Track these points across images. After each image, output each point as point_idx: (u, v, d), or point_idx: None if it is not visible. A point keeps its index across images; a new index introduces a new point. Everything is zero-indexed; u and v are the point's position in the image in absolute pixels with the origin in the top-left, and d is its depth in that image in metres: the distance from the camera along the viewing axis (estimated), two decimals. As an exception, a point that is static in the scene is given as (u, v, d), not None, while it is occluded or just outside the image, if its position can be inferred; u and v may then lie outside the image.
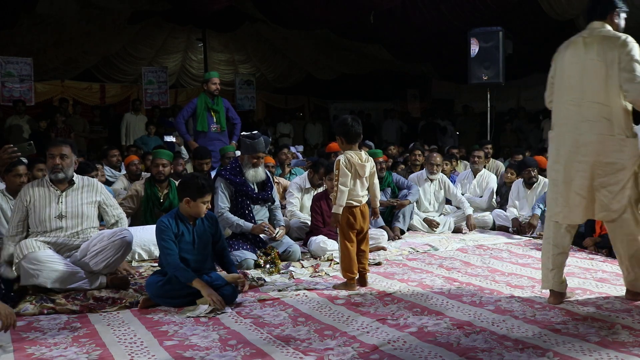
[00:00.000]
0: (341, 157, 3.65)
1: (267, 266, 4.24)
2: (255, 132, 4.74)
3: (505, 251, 4.87)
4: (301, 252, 4.68)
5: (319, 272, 4.17)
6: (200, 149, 6.13)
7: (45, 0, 9.50)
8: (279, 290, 3.67)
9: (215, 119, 6.75)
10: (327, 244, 4.68)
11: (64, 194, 3.69)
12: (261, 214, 4.71)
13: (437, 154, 6.47)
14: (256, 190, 4.66)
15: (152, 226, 4.54)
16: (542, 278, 3.35)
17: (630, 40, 3.01)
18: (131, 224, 5.00)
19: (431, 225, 5.92)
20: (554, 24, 9.16)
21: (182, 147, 8.42)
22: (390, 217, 5.77)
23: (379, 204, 3.93)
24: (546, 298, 3.35)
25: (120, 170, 7.25)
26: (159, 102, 12.71)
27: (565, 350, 2.53)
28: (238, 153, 5.35)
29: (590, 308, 3.16)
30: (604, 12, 3.14)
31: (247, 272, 4.16)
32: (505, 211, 5.99)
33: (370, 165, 3.75)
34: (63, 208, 3.67)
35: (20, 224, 3.63)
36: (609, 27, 3.13)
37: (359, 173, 3.67)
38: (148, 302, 3.33)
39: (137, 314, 3.22)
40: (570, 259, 4.44)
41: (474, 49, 7.87)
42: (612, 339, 2.67)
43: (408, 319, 3.03)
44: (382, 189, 5.87)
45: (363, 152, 3.79)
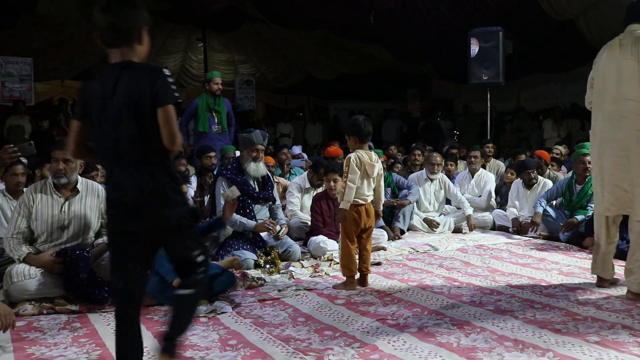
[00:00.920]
0: (352, 155, 3.69)
1: (267, 266, 4.24)
2: (257, 131, 4.75)
3: (505, 251, 4.87)
4: (301, 252, 4.68)
5: (319, 272, 4.17)
6: (202, 146, 6.13)
7: (45, 0, 9.51)
8: (279, 290, 3.67)
9: (216, 120, 6.73)
10: (327, 244, 4.68)
11: (67, 202, 3.60)
12: (262, 213, 4.72)
13: (437, 153, 6.47)
14: (257, 190, 4.68)
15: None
16: (592, 264, 3.66)
17: None
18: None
19: (431, 225, 5.92)
20: (554, 24, 9.16)
21: (182, 147, 8.40)
22: (390, 217, 5.77)
23: (382, 207, 3.94)
24: (546, 298, 3.37)
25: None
26: (159, 102, 12.69)
27: (565, 350, 2.53)
28: (238, 154, 5.34)
29: (590, 308, 3.16)
30: None
31: (247, 272, 4.16)
32: (505, 211, 5.99)
33: (379, 166, 3.79)
34: (66, 218, 3.58)
35: (19, 227, 3.52)
36: None
37: (368, 172, 3.70)
38: (148, 301, 3.33)
39: (137, 314, 3.22)
40: (570, 259, 4.46)
41: (474, 49, 7.87)
42: (612, 339, 2.67)
43: (408, 319, 3.03)
44: (382, 189, 5.87)
45: (373, 153, 3.82)
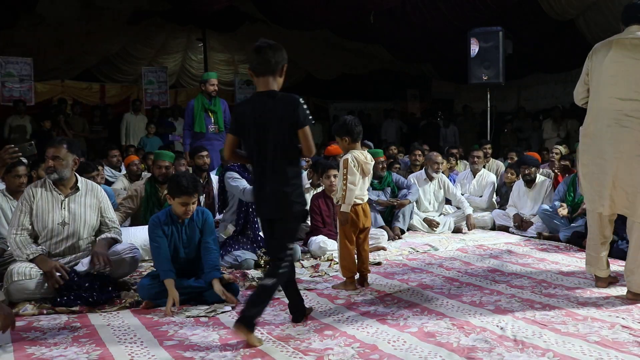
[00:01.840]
0: (348, 156, 3.65)
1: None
2: None
3: (505, 251, 4.87)
4: (301, 252, 4.68)
5: (319, 272, 4.17)
6: (195, 146, 6.12)
7: (45, 0, 9.51)
8: (279, 290, 3.67)
9: (212, 120, 6.74)
10: (327, 244, 4.68)
11: (67, 199, 3.62)
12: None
13: (437, 153, 6.47)
14: None
15: (152, 226, 4.57)
16: (586, 263, 3.66)
17: None
18: (131, 224, 5.02)
19: (431, 225, 5.92)
20: (554, 24, 9.16)
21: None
22: (390, 217, 5.77)
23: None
24: (546, 298, 3.37)
25: (120, 170, 7.25)
26: (159, 102, 12.71)
27: (565, 350, 2.53)
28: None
29: (590, 308, 3.16)
30: None
31: (247, 272, 4.16)
32: (505, 211, 6.00)
33: (372, 164, 3.78)
34: (66, 214, 3.60)
35: (23, 223, 3.53)
36: None
37: (364, 172, 3.70)
38: (150, 304, 3.33)
39: (137, 314, 3.22)
40: (570, 259, 4.46)
41: (474, 49, 7.87)
42: (612, 339, 2.67)
43: (408, 319, 3.03)
44: (382, 189, 5.87)
45: (367, 152, 3.81)
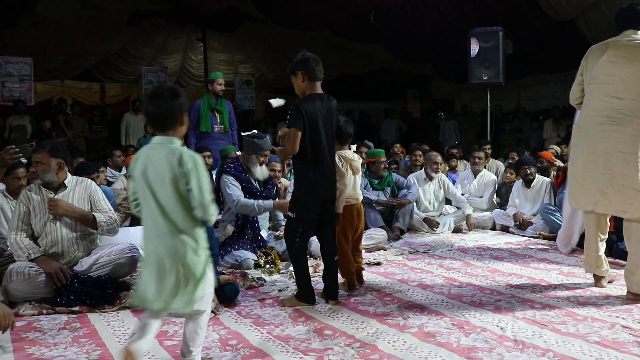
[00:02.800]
0: (335, 157, 3.65)
1: (267, 266, 4.24)
2: (255, 131, 4.79)
3: (505, 251, 4.87)
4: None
5: (319, 272, 4.16)
6: (198, 146, 6.13)
7: (45, 0, 9.51)
8: (279, 290, 3.67)
9: (218, 120, 6.75)
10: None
11: (56, 196, 3.64)
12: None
13: (436, 152, 6.47)
14: (259, 188, 4.70)
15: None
16: (585, 262, 3.67)
17: None
18: (131, 224, 5.02)
19: (431, 225, 5.92)
20: (554, 24, 9.16)
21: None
22: (390, 217, 5.77)
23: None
24: (546, 298, 3.37)
25: (120, 171, 7.25)
26: (159, 102, 12.70)
27: (565, 350, 2.54)
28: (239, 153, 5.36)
29: (591, 308, 3.16)
30: (637, 23, 3.44)
31: (247, 272, 4.16)
32: (505, 211, 6.00)
33: (360, 162, 3.79)
34: None
35: (22, 225, 3.54)
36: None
37: (354, 170, 3.71)
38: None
39: (137, 314, 3.21)
40: (570, 259, 4.46)
41: (474, 49, 7.87)
42: (612, 339, 2.67)
43: (408, 319, 3.03)
44: (382, 189, 5.87)
45: (352, 152, 3.81)
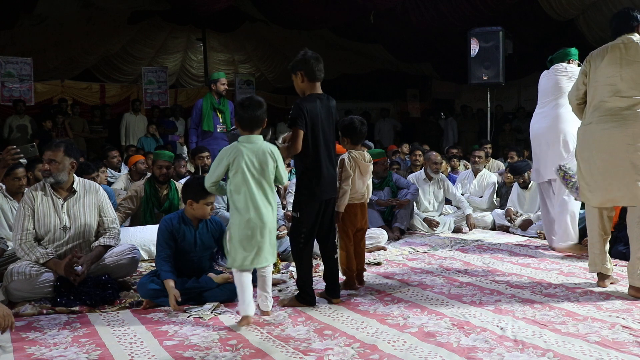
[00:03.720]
0: (345, 156, 3.69)
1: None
2: None
3: (505, 251, 4.87)
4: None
5: (319, 272, 4.16)
6: (197, 147, 6.13)
7: (45, 0, 9.51)
8: (279, 290, 3.67)
9: (221, 119, 6.75)
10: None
11: (66, 203, 3.61)
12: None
13: (436, 153, 6.47)
14: None
15: (152, 226, 4.58)
16: (590, 262, 3.68)
17: None
18: (131, 224, 5.02)
19: (431, 225, 5.92)
20: (554, 24, 9.17)
21: (184, 148, 8.40)
22: (390, 217, 5.77)
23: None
24: (546, 298, 3.37)
25: (120, 171, 7.25)
26: (159, 102, 12.70)
27: (565, 350, 2.53)
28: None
29: (591, 308, 3.16)
30: (632, 26, 3.55)
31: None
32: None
33: (371, 166, 3.81)
34: (66, 219, 3.59)
35: (27, 228, 3.50)
36: (637, 36, 3.53)
37: (362, 172, 3.72)
38: (150, 303, 3.34)
39: (137, 314, 3.22)
40: (570, 259, 4.45)
41: (474, 49, 7.87)
42: (612, 339, 2.67)
43: (408, 319, 3.03)
44: (382, 189, 5.87)
45: (365, 153, 3.83)
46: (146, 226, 4.76)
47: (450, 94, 14.96)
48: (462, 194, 6.35)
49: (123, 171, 7.12)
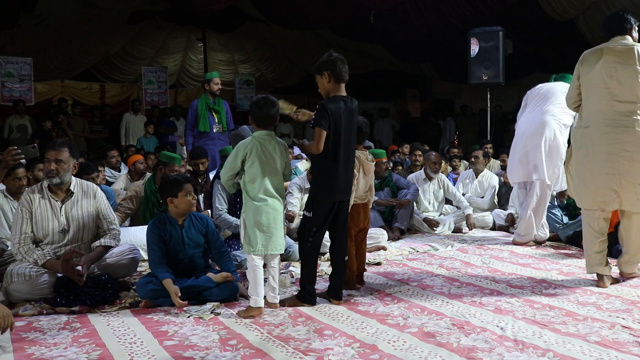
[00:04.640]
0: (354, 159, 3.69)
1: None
2: (245, 126, 4.64)
3: (505, 251, 4.87)
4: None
5: (319, 272, 4.16)
6: (196, 149, 6.07)
7: (45, 0, 9.51)
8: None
9: (216, 119, 6.74)
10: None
11: (64, 206, 3.58)
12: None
13: (436, 153, 6.47)
14: None
15: (152, 226, 4.57)
16: (587, 264, 3.71)
17: None
18: (131, 224, 5.02)
19: (431, 225, 5.92)
20: (554, 24, 9.17)
21: (184, 148, 8.38)
22: (390, 217, 5.76)
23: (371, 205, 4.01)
24: (546, 298, 3.37)
25: (119, 171, 7.25)
26: (159, 102, 12.71)
27: (565, 350, 2.53)
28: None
29: (591, 308, 3.16)
30: (624, 29, 3.60)
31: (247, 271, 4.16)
32: (506, 211, 6.00)
33: (373, 165, 3.83)
34: (64, 222, 3.57)
35: (25, 231, 3.48)
36: (630, 40, 3.58)
37: (365, 172, 3.74)
38: (149, 303, 3.34)
39: (137, 314, 3.22)
40: (570, 259, 4.46)
41: (474, 49, 7.87)
42: (612, 339, 2.67)
43: (408, 319, 3.03)
44: (382, 189, 5.87)
45: (367, 153, 3.84)
46: (146, 226, 4.74)
47: (450, 94, 14.96)
48: (463, 194, 6.35)
49: (123, 171, 7.12)
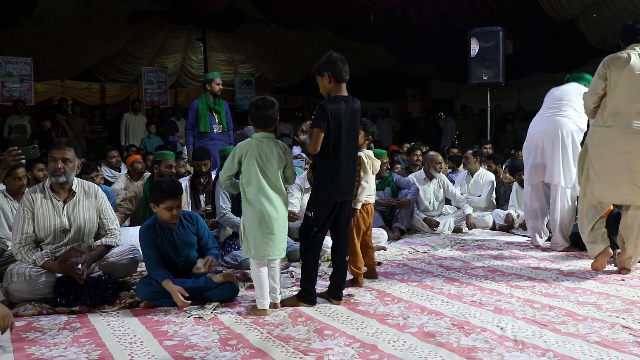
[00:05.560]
0: (361, 154, 3.75)
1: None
2: (250, 126, 4.66)
3: (505, 251, 4.87)
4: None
5: (319, 272, 4.16)
6: (199, 150, 6.05)
7: (45, 0, 9.51)
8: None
9: (217, 120, 6.74)
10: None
11: (66, 206, 3.58)
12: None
13: (436, 152, 6.47)
14: None
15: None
16: (591, 242, 4.01)
17: None
18: (131, 224, 5.02)
19: (431, 225, 5.92)
20: (554, 24, 9.17)
21: (184, 148, 8.38)
22: (390, 217, 5.77)
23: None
24: (546, 298, 3.37)
25: (119, 171, 7.25)
26: (159, 102, 12.71)
27: (565, 350, 2.53)
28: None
29: (590, 308, 3.16)
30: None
31: (247, 272, 4.16)
32: (505, 211, 6.00)
33: (379, 163, 3.91)
34: (66, 221, 3.57)
35: (27, 231, 3.48)
36: None
37: (373, 170, 3.81)
38: (149, 304, 3.33)
39: (137, 314, 3.22)
40: (570, 260, 4.45)
41: (474, 49, 7.88)
42: (612, 339, 2.67)
43: (408, 319, 3.03)
44: (383, 189, 5.87)
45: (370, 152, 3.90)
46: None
47: (450, 94, 14.97)
48: (461, 194, 6.35)
49: (123, 171, 7.12)
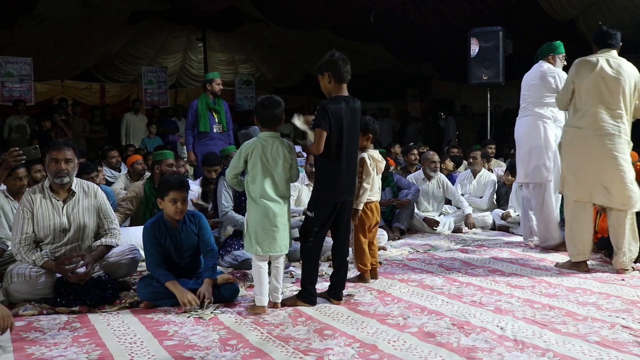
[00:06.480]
0: (365, 155, 3.77)
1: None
2: (255, 126, 4.69)
3: (505, 251, 4.87)
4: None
5: (319, 272, 4.16)
6: (209, 155, 5.92)
7: (45, 0, 9.51)
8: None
9: (217, 119, 6.74)
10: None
11: (65, 206, 3.58)
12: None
13: (433, 152, 6.47)
14: None
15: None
16: (574, 253, 4.07)
17: None
18: (131, 224, 5.02)
19: (431, 225, 5.92)
20: (554, 24, 9.17)
21: (184, 148, 8.38)
22: (391, 217, 5.77)
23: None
24: (546, 298, 3.37)
25: (119, 171, 7.25)
26: (159, 102, 12.71)
27: (565, 350, 2.53)
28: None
29: (590, 308, 3.16)
30: (611, 45, 4.03)
31: (247, 272, 4.16)
32: (506, 211, 6.00)
33: (384, 163, 3.95)
34: (66, 221, 3.56)
35: (27, 231, 3.48)
36: (615, 54, 4.03)
37: (377, 171, 3.85)
38: (149, 304, 3.33)
39: (137, 314, 3.22)
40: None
41: (474, 49, 7.88)
42: (612, 339, 2.67)
43: (408, 319, 3.03)
44: (383, 189, 5.86)
45: (377, 151, 3.94)
46: (146, 226, 4.76)
47: (450, 94, 14.96)
48: (462, 195, 6.35)
49: (123, 171, 7.12)
